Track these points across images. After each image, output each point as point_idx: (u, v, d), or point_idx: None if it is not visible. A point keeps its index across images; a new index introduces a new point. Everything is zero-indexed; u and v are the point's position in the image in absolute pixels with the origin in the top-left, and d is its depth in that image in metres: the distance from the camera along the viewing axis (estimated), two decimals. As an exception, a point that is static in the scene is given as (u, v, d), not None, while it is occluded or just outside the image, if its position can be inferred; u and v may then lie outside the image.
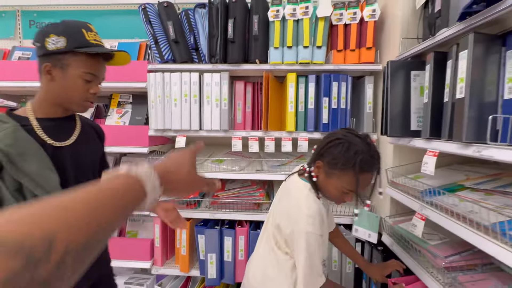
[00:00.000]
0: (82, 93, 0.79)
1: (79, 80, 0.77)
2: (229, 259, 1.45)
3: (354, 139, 0.83)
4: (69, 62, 0.76)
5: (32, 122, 0.76)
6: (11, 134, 0.70)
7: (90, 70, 0.78)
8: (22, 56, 1.65)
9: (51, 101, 0.80)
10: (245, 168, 1.53)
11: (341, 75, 1.39)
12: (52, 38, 0.74)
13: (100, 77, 0.84)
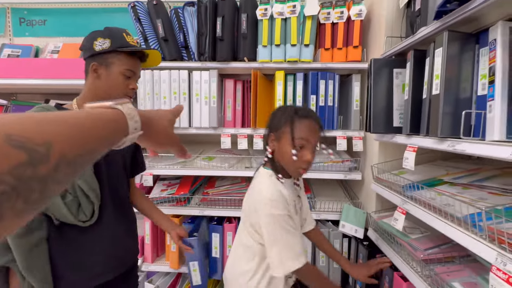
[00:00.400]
0: (123, 88, 0.89)
1: (120, 77, 0.87)
2: (217, 255, 1.46)
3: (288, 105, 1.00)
4: (112, 60, 0.86)
5: None
6: None
7: (130, 67, 0.88)
8: (11, 53, 1.65)
9: (95, 97, 0.89)
10: (235, 165, 1.54)
11: (329, 73, 1.41)
12: (99, 40, 0.85)
13: (137, 75, 0.93)
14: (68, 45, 1.70)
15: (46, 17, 1.88)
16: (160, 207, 1.51)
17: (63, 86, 1.60)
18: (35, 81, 1.51)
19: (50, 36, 1.87)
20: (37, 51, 1.73)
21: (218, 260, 1.46)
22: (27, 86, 1.61)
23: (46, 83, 1.51)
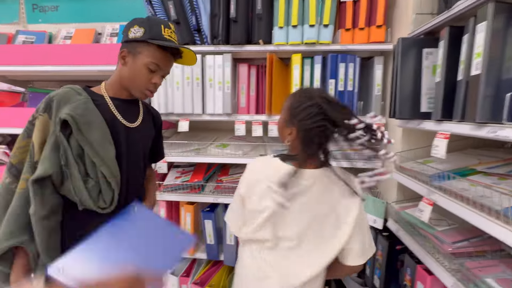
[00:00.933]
0: (144, 81, 0.85)
1: (144, 68, 0.84)
2: (231, 242, 1.46)
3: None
4: (141, 50, 0.83)
5: (106, 99, 0.87)
6: (83, 105, 0.80)
7: (156, 61, 0.84)
8: (26, 40, 1.65)
9: (120, 84, 0.88)
10: (249, 152, 1.51)
11: (349, 55, 1.33)
12: (135, 28, 0.83)
13: (165, 71, 0.89)
14: (80, 31, 1.68)
15: (58, 3, 1.86)
16: (174, 194, 1.52)
17: (77, 73, 1.59)
18: (51, 67, 1.51)
19: (62, 22, 1.86)
20: (50, 37, 1.72)
21: (232, 247, 1.45)
22: (42, 73, 1.62)
23: (61, 69, 1.50)
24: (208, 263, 1.65)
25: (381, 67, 1.35)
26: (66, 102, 0.79)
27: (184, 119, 1.45)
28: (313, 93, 0.78)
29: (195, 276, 1.55)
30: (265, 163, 0.84)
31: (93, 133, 0.79)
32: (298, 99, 0.79)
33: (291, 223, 0.78)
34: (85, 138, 0.78)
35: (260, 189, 0.78)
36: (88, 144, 0.78)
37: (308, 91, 0.81)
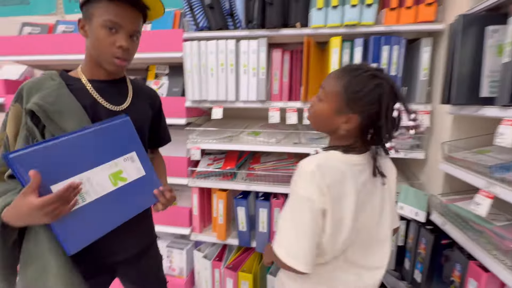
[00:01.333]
0: (107, 46, 0.71)
1: (101, 30, 0.70)
2: (264, 230, 1.46)
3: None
4: (93, 11, 0.71)
5: (83, 82, 0.77)
6: (55, 92, 0.72)
7: (111, 17, 0.69)
8: (66, 30, 1.71)
9: (92, 61, 0.77)
10: (282, 140, 1.48)
11: (394, 37, 1.23)
12: None
13: (129, 28, 0.73)
14: (115, 19, 1.70)
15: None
16: (206, 180, 1.54)
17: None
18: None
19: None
20: (87, 26, 1.76)
21: (264, 234, 1.46)
22: (79, 62, 1.67)
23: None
24: (239, 249, 1.68)
25: (429, 50, 1.25)
26: (38, 90, 0.72)
27: (218, 106, 1.44)
28: (373, 71, 0.68)
29: (227, 261, 1.59)
30: (330, 159, 0.69)
31: (68, 121, 0.71)
32: (357, 80, 0.68)
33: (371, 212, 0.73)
34: (59, 127, 0.70)
35: (348, 189, 0.67)
36: (62, 132, 0.70)
37: (363, 68, 0.69)
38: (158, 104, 1.00)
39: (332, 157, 0.70)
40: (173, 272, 1.72)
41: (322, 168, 0.65)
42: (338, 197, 0.66)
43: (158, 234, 1.83)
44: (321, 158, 0.68)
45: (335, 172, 0.66)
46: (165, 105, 1.50)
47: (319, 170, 0.64)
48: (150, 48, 1.48)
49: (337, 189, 0.66)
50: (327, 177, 0.65)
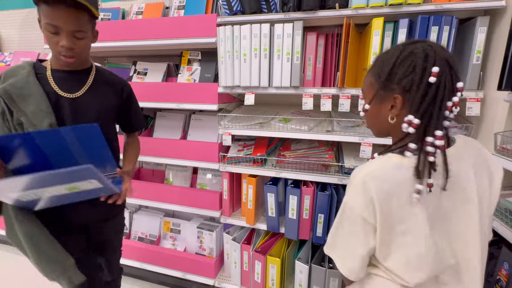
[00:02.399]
0: (53, 45, 0.82)
1: (46, 32, 0.80)
2: (293, 217, 1.47)
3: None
4: (39, 13, 0.80)
5: (47, 72, 0.90)
6: (24, 79, 0.85)
7: (49, 20, 0.78)
8: (103, 17, 1.77)
9: (53, 53, 0.88)
10: (314, 128, 1.45)
11: (444, 16, 1.13)
12: None
13: (67, 28, 0.79)
14: (149, 5, 1.73)
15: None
16: (237, 166, 1.56)
17: (147, 47, 1.67)
18: (124, 43, 1.60)
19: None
20: (123, 13, 1.81)
21: (294, 221, 1.47)
22: (116, 48, 1.73)
23: (132, 44, 1.59)
24: (267, 233, 1.72)
25: (485, 30, 1.13)
26: (11, 76, 0.85)
27: (250, 92, 1.43)
28: (406, 42, 0.64)
29: (256, 244, 1.63)
30: (383, 167, 0.61)
31: (28, 104, 0.83)
32: (387, 57, 0.64)
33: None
34: (21, 109, 0.83)
35: (406, 201, 0.59)
36: (24, 115, 0.83)
37: (395, 45, 0.65)
38: (126, 92, 1.07)
39: (386, 163, 0.62)
40: (203, 252, 1.80)
41: (371, 179, 0.60)
42: (390, 211, 0.59)
43: (189, 215, 1.93)
44: (373, 166, 0.62)
45: (389, 183, 0.59)
46: (197, 91, 1.54)
47: (368, 182, 0.60)
48: (183, 34, 1.49)
49: (389, 203, 0.59)
50: (377, 189, 0.59)
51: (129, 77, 1.82)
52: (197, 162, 1.64)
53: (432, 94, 0.58)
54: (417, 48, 0.60)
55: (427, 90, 0.58)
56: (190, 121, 1.83)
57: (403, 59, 0.61)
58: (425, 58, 0.58)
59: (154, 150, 1.71)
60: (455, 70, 0.59)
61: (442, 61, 0.58)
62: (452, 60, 0.59)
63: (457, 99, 0.59)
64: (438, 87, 0.57)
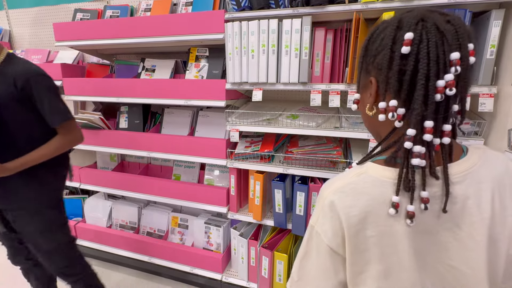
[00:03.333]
0: None
1: None
2: (301, 213, 1.47)
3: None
4: None
5: None
6: None
7: None
8: (112, 14, 1.79)
9: None
10: (322, 124, 1.45)
11: (458, 9, 1.10)
12: None
13: None
14: (157, 2, 1.74)
15: (135, -25, 1.94)
16: (244, 162, 1.57)
17: (154, 44, 1.68)
18: (132, 40, 1.62)
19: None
20: (132, 10, 1.83)
21: (301, 217, 1.47)
22: (125, 45, 1.75)
23: (140, 41, 1.60)
24: (274, 229, 1.72)
25: (500, 24, 1.10)
26: None
27: (258, 88, 1.43)
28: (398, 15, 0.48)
29: (263, 240, 1.64)
30: (361, 181, 0.48)
31: None
32: (376, 32, 0.50)
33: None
34: None
35: (376, 222, 0.46)
36: None
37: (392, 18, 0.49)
38: (23, 83, 1.06)
39: (366, 176, 0.48)
40: (210, 247, 1.82)
41: (340, 199, 0.46)
42: (364, 242, 0.46)
43: (197, 211, 1.95)
44: (345, 180, 0.49)
45: (361, 206, 0.45)
46: (205, 87, 1.55)
47: (336, 203, 0.46)
48: (191, 30, 1.50)
49: (362, 232, 0.45)
50: (346, 213, 0.45)
51: (138, 74, 1.84)
52: (205, 158, 1.65)
53: (409, 71, 0.44)
54: (402, 16, 0.47)
55: (402, 65, 0.44)
56: (198, 117, 1.85)
57: (379, 32, 0.48)
58: (398, 24, 0.46)
59: (162, 146, 1.73)
60: (449, 38, 0.42)
61: (425, 27, 0.43)
62: (444, 27, 0.43)
63: (450, 77, 0.42)
64: (417, 60, 0.43)
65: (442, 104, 0.44)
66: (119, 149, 1.84)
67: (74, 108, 2.07)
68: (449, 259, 0.46)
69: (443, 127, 0.45)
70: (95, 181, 2.01)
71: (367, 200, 0.46)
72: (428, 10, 0.46)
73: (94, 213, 2.11)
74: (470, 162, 0.48)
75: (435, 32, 0.43)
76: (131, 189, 1.90)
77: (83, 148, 1.94)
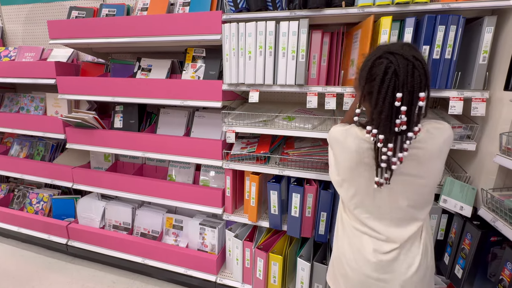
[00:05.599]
0: None
1: None
2: (296, 215, 1.48)
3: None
4: None
5: None
6: None
7: None
8: (108, 13, 1.77)
9: None
10: (318, 126, 1.46)
11: (452, 16, 1.12)
12: None
13: None
14: (154, 2, 1.73)
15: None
16: (240, 164, 1.57)
17: (151, 44, 1.67)
18: (128, 39, 1.60)
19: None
20: (128, 9, 1.81)
21: (297, 219, 1.48)
22: (121, 44, 1.74)
23: (137, 40, 1.59)
24: (270, 230, 1.72)
25: (492, 30, 1.12)
26: None
27: (255, 89, 1.44)
28: (388, 48, 0.75)
29: (258, 241, 1.64)
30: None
31: None
32: (368, 56, 0.79)
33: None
34: None
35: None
36: None
37: (384, 46, 0.78)
38: None
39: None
40: (205, 248, 1.81)
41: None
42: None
43: (192, 212, 1.94)
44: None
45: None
46: (201, 88, 1.54)
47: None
48: (188, 31, 1.49)
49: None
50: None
51: (134, 73, 1.83)
52: (201, 159, 1.65)
53: (383, 109, 0.74)
54: (386, 61, 0.73)
55: (376, 103, 0.76)
56: (194, 118, 1.84)
57: (369, 67, 0.76)
58: (390, 77, 0.72)
59: (157, 146, 1.72)
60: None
61: (405, 85, 0.71)
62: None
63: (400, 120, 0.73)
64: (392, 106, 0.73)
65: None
66: (113, 149, 1.82)
67: (68, 107, 2.04)
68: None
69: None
70: (89, 181, 1.98)
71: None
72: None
73: (87, 214, 2.08)
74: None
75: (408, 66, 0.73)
76: (125, 189, 1.88)
77: (76, 147, 1.91)
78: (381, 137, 0.74)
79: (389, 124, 0.72)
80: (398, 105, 0.70)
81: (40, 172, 2.12)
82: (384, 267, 0.84)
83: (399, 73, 0.70)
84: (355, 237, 0.90)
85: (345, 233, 0.93)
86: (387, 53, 0.72)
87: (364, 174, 0.83)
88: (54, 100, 2.10)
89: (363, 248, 0.87)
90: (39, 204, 2.27)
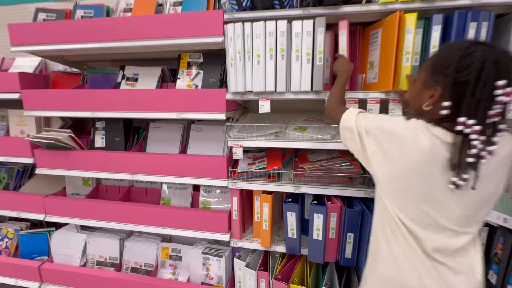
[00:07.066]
0: None
1: None
2: (319, 238, 1.30)
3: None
4: None
5: None
6: None
7: None
8: (84, 15, 1.53)
9: None
10: (336, 136, 1.31)
11: (483, 11, 1.03)
12: None
13: None
14: (140, 1, 1.51)
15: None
16: (249, 182, 1.37)
17: (136, 49, 1.44)
18: (109, 44, 1.37)
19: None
20: (108, 10, 1.58)
21: (320, 242, 1.30)
22: (100, 51, 1.49)
23: (120, 45, 1.36)
24: (284, 255, 1.53)
25: (523, 26, 1.05)
26: None
27: (265, 98, 1.26)
28: (471, 41, 0.69)
29: (274, 270, 1.44)
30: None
31: None
32: (448, 49, 0.72)
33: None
34: None
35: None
36: None
37: (463, 40, 0.73)
38: None
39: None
40: (210, 281, 1.58)
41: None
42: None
43: (192, 239, 1.70)
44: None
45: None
46: (201, 98, 1.34)
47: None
48: (183, 33, 1.29)
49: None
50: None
51: (117, 84, 1.58)
52: (202, 179, 1.43)
53: (483, 99, 0.64)
54: (479, 51, 0.65)
55: (473, 93, 0.65)
56: (190, 132, 1.62)
57: (460, 58, 0.67)
58: (488, 65, 0.63)
59: (148, 167, 1.48)
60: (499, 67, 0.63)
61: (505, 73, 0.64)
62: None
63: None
64: (493, 95, 0.64)
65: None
66: (96, 172, 1.55)
67: (37, 125, 1.73)
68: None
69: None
70: (64, 211, 1.67)
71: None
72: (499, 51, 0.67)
73: (64, 250, 1.76)
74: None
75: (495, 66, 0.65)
76: (110, 218, 1.61)
77: (48, 172, 1.61)
78: (477, 128, 0.65)
79: (485, 114, 0.65)
80: (500, 93, 0.63)
81: (4, 204, 1.77)
82: None
83: (500, 61, 0.64)
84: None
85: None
86: (475, 45, 0.67)
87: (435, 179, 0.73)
88: (18, 118, 1.78)
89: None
90: (3, 241, 1.90)
